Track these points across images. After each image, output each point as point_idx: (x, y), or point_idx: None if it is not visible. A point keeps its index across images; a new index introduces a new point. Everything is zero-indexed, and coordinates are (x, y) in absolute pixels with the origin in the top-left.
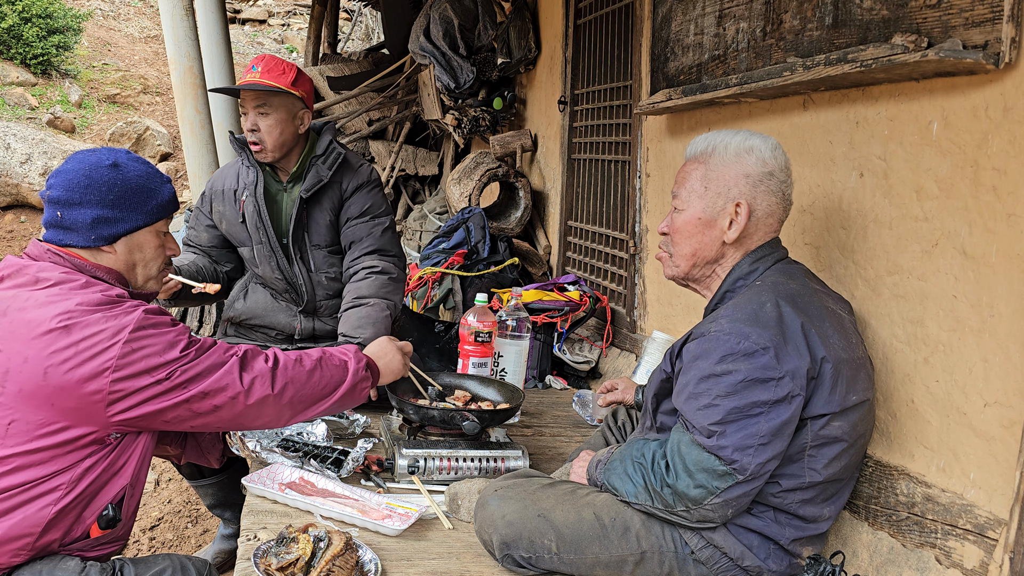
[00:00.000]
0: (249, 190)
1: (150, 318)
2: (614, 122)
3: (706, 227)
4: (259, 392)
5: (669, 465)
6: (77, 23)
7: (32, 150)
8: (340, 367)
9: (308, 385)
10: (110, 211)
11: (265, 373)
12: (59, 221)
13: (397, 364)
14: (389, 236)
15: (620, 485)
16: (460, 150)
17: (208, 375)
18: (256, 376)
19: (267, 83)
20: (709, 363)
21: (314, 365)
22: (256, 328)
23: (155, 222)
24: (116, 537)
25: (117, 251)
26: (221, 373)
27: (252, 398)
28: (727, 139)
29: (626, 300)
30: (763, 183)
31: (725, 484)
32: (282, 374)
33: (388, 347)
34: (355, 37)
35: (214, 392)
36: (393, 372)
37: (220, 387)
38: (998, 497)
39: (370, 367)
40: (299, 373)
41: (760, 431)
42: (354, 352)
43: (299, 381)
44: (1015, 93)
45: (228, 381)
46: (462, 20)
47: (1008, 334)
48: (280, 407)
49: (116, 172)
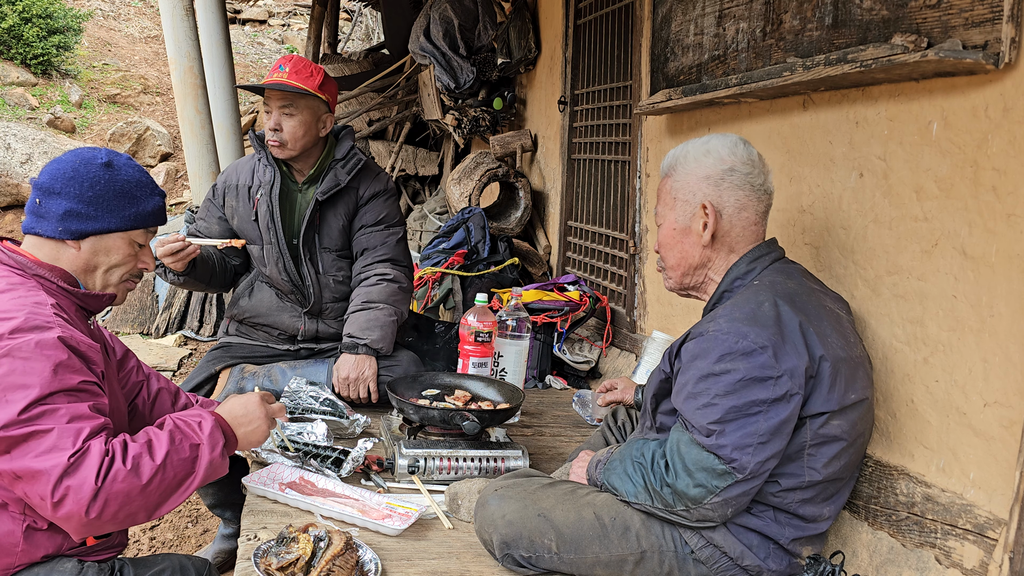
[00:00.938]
0: (265, 189)
1: (25, 352)
2: (614, 122)
3: (683, 235)
4: (68, 506)
5: (668, 464)
6: (77, 23)
7: (32, 150)
8: (189, 461)
9: (143, 495)
10: (84, 207)
11: (85, 484)
12: (36, 208)
13: (259, 435)
14: (403, 247)
15: (620, 485)
16: (460, 150)
17: (24, 455)
18: (72, 487)
19: (296, 84)
20: (708, 362)
21: (155, 470)
22: (259, 327)
23: (130, 229)
24: (112, 545)
25: (81, 248)
26: (42, 461)
27: (60, 511)
28: (688, 148)
29: (626, 300)
30: (725, 180)
31: (724, 483)
32: (107, 489)
33: (255, 411)
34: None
35: (26, 479)
36: (251, 443)
37: (33, 478)
38: (998, 497)
39: (227, 445)
40: (131, 486)
41: (759, 430)
42: (209, 433)
43: (131, 493)
44: (1015, 93)
45: (42, 478)
46: (462, 20)
47: (1008, 334)
48: (90, 525)
49: (105, 171)
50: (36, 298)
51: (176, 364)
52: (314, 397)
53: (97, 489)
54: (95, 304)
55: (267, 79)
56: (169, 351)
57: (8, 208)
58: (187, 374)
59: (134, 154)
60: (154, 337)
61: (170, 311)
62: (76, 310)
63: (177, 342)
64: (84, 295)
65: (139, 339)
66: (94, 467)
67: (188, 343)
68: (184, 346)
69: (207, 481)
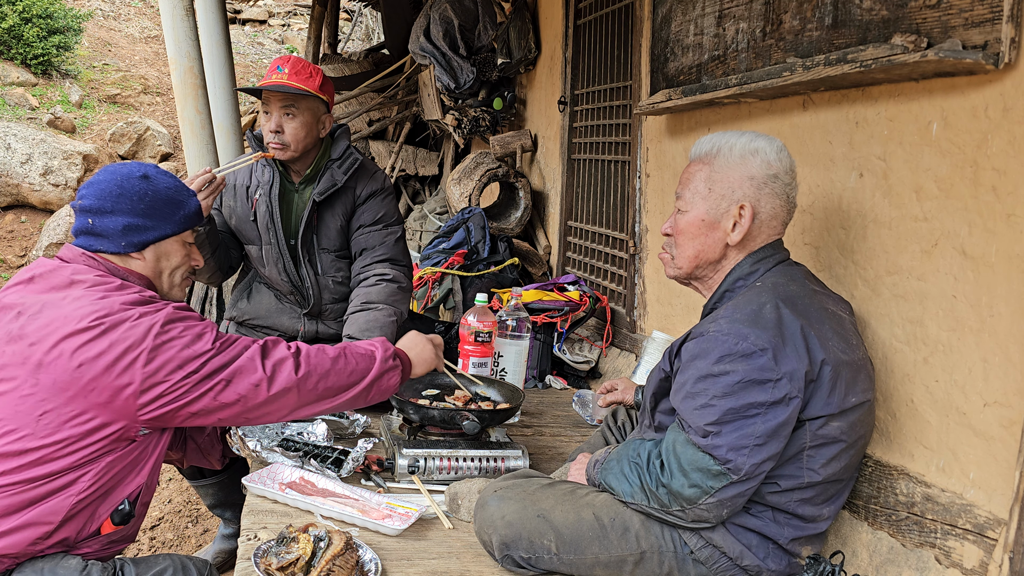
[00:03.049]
0: (264, 189)
1: (179, 312)
2: (614, 122)
3: (709, 229)
4: (282, 379)
5: (664, 464)
6: (77, 23)
7: (32, 150)
8: (366, 356)
9: (332, 373)
10: (141, 219)
11: (287, 359)
12: (90, 228)
13: (429, 354)
14: (401, 246)
15: (616, 485)
16: (460, 150)
17: (232, 364)
18: (277, 362)
19: (297, 86)
20: (707, 363)
21: (338, 353)
22: (259, 329)
23: (182, 232)
24: (125, 536)
25: (146, 258)
26: (244, 360)
27: (275, 386)
28: (732, 140)
29: (626, 300)
30: (767, 185)
31: (719, 484)
32: (304, 361)
33: (418, 339)
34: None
35: (238, 380)
36: (426, 362)
37: (244, 375)
38: (997, 497)
39: (399, 356)
40: (322, 360)
41: (756, 432)
42: (381, 342)
43: (322, 368)
44: (1015, 93)
45: (251, 369)
46: (462, 20)
47: (1008, 334)
48: (303, 394)
49: (147, 183)
50: (140, 291)
51: None
52: None
53: (296, 359)
54: None
55: (265, 80)
56: None
57: (8, 208)
58: None
59: (134, 154)
60: None
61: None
62: None
63: None
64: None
65: None
66: (284, 348)
67: None
68: None
69: (384, 387)
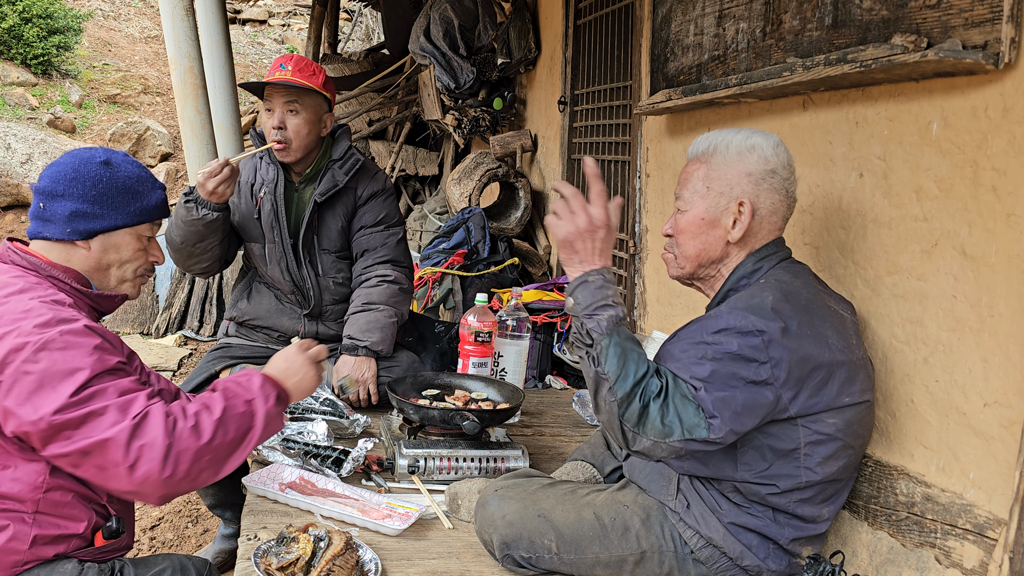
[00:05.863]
0: (268, 188)
1: (72, 337)
2: (614, 122)
3: (710, 227)
4: (145, 467)
5: (663, 389)
6: (77, 23)
7: (33, 150)
8: (246, 416)
9: (210, 450)
10: (89, 206)
11: (158, 445)
12: (40, 212)
13: (309, 382)
14: (403, 247)
15: (610, 361)
16: (460, 150)
17: (94, 428)
18: (144, 446)
19: (300, 82)
20: (705, 332)
21: (215, 427)
22: (259, 329)
23: (136, 224)
24: (119, 547)
25: (92, 248)
26: (105, 430)
27: (137, 473)
28: (728, 138)
29: (626, 300)
30: (766, 181)
31: (694, 434)
32: (175, 448)
33: (297, 360)
34: (355, 37)
35: (95, 451)
36: (304, 391)
37: (101, 446)
38: (997, 497)
39: (280, 398)
40: (198, 443)
41: (736, 399)
42: (260, 387)
43: (197, 451)
44: (1015, 93)
45: (111, 440)
46: (462, 20)
47: (1008, 334)
48: (175, 483)
49: (105, 169)
50: (55, 296)
51: (176, 364)
52: (314, 397)
53: (168, 445)
54: (108, 305)
55: (268, 77)
56: (169, 351)
57: (8, 208)
58: (187, 374)
59: (134, 154)
60: (154, 337)
61: (170, 311)
62: (89, 311)
63: (177, 342)
64: (97, 296)
65: (139, 339)
66: (159, 425)
67: (188, 343)
68: (184, 346)
69: (268, 434)
